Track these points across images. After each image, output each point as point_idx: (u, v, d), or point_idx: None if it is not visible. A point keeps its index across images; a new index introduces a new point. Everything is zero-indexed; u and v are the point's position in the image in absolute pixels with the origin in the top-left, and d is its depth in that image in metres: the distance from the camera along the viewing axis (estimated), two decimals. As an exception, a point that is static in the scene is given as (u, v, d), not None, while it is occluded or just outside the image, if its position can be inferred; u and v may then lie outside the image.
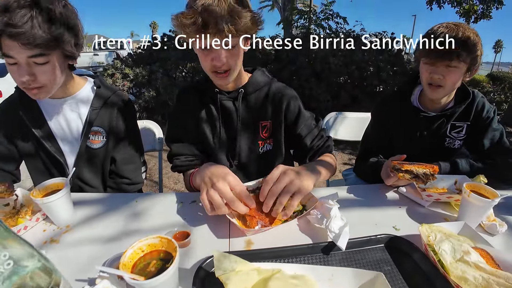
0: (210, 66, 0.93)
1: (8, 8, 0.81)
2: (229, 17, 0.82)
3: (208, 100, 1.10)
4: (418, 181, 0.94)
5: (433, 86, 1.14)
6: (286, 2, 9.50)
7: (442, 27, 1.11)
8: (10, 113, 1.06)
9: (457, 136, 1.25)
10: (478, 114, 1.21)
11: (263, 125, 1.12)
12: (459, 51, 1.05)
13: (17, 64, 0.88)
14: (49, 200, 0.78)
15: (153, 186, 3.07)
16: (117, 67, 5.37)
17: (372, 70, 5.26)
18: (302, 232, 0.79)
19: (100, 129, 1.12)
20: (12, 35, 0.81)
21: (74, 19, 0.94)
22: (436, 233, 0.71)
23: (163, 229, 0.80)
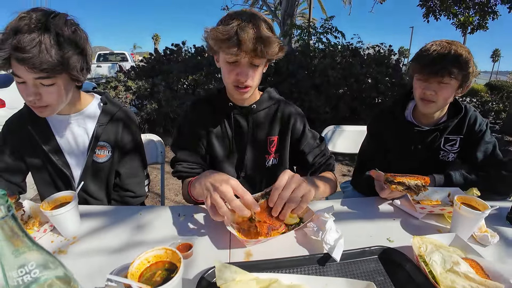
0: (233, 80, 0.99)
1: (19, 31, 0.84)
2: (261, 40, 0.90)
3: (220, 113, 1.15)
4: (410, 192, 0.97)
5: (426, 101, 1.18)
6: (286, 17, 9.72)
7: (435, 45, 1.15)
8: (19, 128, 1.10)
9: (451, 149, 1.28)
10: (471, 128, 1.25)
11: (271, 140, 1.18)
12: (451, 68, 1.09)
13: (24, 83, 0.91)
14: (58, 213, 0.81)
15: (154, 197, 3.10)
16: (120, 79, 5.47)
17: (370, 82, 5.35)
18: (299, 244, 0.82)
19: (106, 144, 1.16)
20: (20, 59, 0.84)
21: (83, 44, 0.97)
22: (427, 245, 0.74)
23: (166, 241, 0.83)
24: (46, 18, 0.88)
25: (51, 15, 0.90)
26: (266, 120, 1.17)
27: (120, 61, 13.37)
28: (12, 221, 0.38)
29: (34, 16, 0.86)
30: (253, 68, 0.99)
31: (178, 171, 1.14)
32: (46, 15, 0.89)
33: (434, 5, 6.93)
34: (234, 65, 0.97)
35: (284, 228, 0.84)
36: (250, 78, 0.99)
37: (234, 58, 0.94)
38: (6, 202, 0.37)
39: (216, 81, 5.36)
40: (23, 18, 0.86)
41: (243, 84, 0.99)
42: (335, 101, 5.14)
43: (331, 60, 5.27)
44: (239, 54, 0.92)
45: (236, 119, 1.14)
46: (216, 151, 1.17)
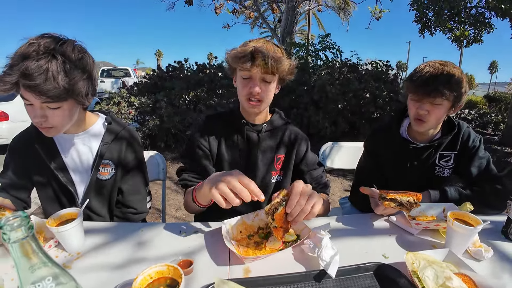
0: (247, 92, 1.10)
1: (27, 57, 0.86)
2: (273, 58, 1.04)
3: (233, 128, 1.23)
4: (402, 209, 0.99)
5: (419, 120, 1.21)
6: (285, 35, 9.97)
7: (428, 66, 1.19)
8: (26, 145, 1.14)
9: (446, 165, 1.31)
10: (465, 144, 1.28)
11: (278, 157, 1.26)
12: (443, 90, 1.12)
13: (32, 105, 0.94)
14: (64, 229, 0.84)
15: (155, 213, 3.10)
16: (123, 95, 5.58)
17: (368, 97, 5.44)
18: (296, 261, 0.84)
19: (109, 162, 1.19)
20: (26, 86, 0.87)
21: (89, 70, 1.00)
22: (420, 261, 0.77)
23: (167, 257, 0.85)
24: (54, 45, 0.90)
25: (59, 42, 0.93)
26: (275, 139, 1.26)
27: (123, 76, 13.59)
28: (32, 240, 0.41)
29: (43, 43, 0.89)
30: (265, 83, 1.10)
31: (184, 179, 1.18)
32: (54, 42, 0.92)
33: (429, 21, 7.09)
34: (248, 80, 1.09)
35: (282, 245, 0.86)
36: (262, 92, 1.10)
37: (248, 73, 1.07)
38: (27, 224, 0.40)
39: (217, 97, 5.46)
40: (32, 45, 0.88)
41: (255, 97, 1.10)
42: (334, 116, 5.21)
43: (329, 76, 5.39)
44: (252, 69, 1.05)
45: (248, 135, 1.22)
46: (224, 164, 1.23)
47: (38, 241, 0.42)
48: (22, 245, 0.41)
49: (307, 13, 13.25)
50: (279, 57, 1.06)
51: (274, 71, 1.07)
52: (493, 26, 6.64)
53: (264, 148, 1.24)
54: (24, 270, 0.42)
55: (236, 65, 1.09)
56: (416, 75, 1.20)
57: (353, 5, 12.74)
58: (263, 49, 1.04)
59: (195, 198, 1.00)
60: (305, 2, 11.25)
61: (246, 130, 1.22)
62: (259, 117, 1.23)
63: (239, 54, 1.05)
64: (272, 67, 1.04)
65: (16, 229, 0.40)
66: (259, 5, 11.85)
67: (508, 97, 7.08)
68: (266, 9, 15.01)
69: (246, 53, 1.03)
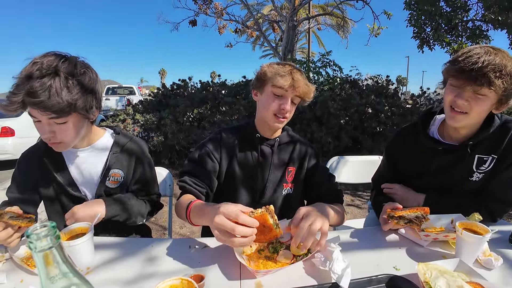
0: (276, 109, 1.16)
1: (31, 76, 0.91)
2: (307, 86, 1.16)
3: (248, 141, 1.28)
4: (413, 225, 0.99)
5: (455, 112, 1.03)
6: (286, 53, 10.21)
7: (479, 48, 0.99)
8: (35, 160, 1.17)
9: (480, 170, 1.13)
10: (510, 148, 1.07)
11: (289, 170, 1.29)
12: (493, 78, 0.92)
13: (40, 122, 0.99)
14: (75, 244, 0.84)
15: (160, 230, 3.09)
16: (129, 113, 5.67)
17: (370, 112, 5.48)
18: (308, 274, 0.84)
19: (119, 171, 1.23)
20: (32, 103, 0.91)
21: (92, 85, 1.03)
22: (432, 271, 0.77)
23: (178, 272, 0.85)
24: (57, 63, 0.95)
25: (62, 59, 0.97)
26: (287, 152, 1.31)
27: (128, 94, 13.85)
28: (58, 250, 0.43)
29: (45, 61, 0.93)
30: (293, 104, 1.19)
31: (184, 181, 1.18)
32: (57, 59, 0.96)
33: (427, 36, 7.25)
34: (279, 98, 1.16)
35: (293, 259, 0.86)
36: (289, 111, 1.18)
37: (282, 92, 1.14)
38: (54, 234, 0.42)
39: (220, 114, 5.53)
40: (35, 64, 0.93)
41: (284, 114, 1.16)
42: (337, 131, 5.25)
43: (331, 92, 5.47)
44: (289, 90, 1.13)
45: (262, 149, 1.26)
46: (236, 175, 1.25)
47: (63, 251, 0.44)
48: (46, 254, 0.42)
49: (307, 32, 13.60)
50: (310, 87, 1.17)
51: (304, 97, 1.18)
52: (490, 38, 6.76)
53: (276, 161, 1.28)
54: (48, 279, 0.43)
55: (274, 80, 1.14)
56: (463, 55, 0.99)
57: (352, 23, 13.08)
58: (301, 74, 1.17)
59: (189, 218, 1.01)
60: (305, 21, 11.58)
61: (260, 145, 1.25)
62: (275, 132, 1.28)
63: (281, 72, 1.13)
64: (304, 94, 1.16)
65: (42, 238, 0.41)
66: (260, 25, 12.20)
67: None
68: (267, 29, 15.43)
69: (287, 73, 1.12)
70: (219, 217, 0.80)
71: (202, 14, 10.89)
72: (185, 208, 1.03)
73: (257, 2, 13.37)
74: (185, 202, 1.06)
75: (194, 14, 11.01)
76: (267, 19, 13.18)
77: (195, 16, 11.05)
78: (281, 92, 1.14)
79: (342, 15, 11.37)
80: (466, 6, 6.33)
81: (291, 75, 1.12)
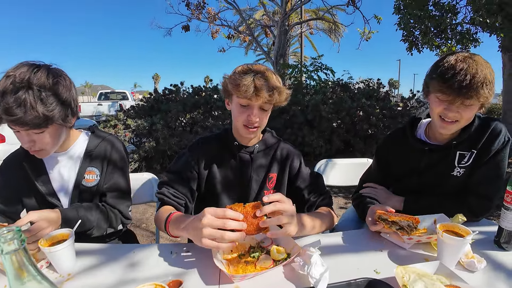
0: (244, 120, 1.12)
1: (5, 92, 0.92)
2: (276, 90, 1.07)
3: (226, 150, 1.25)
4: (403, 233, 0.99)
5: (446, 122, 1.11)
6: (278, 57, 10.28)
7: (460, 62, 1.03)
8: (15, 166, 1.18)
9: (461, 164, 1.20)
10: (488, 143, 1.14)
11: (270, 176, 1.26)
12: (481, 91, 1.00)
13: (19, 132, 1.00)
14: (55, 250, 0.85)
15: (150, 236, 3.05)
16: (120, 118, 5.63)
17: (362, 115, 5.53)
18: (287, 279, 0.84)
19: (94, 169, 1.22)
20: (9, 120, 0.94)
21: (66, 93, 1.03)
22: (410, 274, 0.77)
23: (158, 278, 0.84)
24: (29, 75, 0.94)
25: (34, 70, 0.96)
26: (267, 158, 1.27)
27: (121, 99, 13.78)
28: (24, 253, 0.45)
29: (18, 74, 0.93)
30: (262, 111, 1.13)
31: (162, 193, 1.15)
32: (29, 71, 0.95)
33: (416, 39, 7.35)
34: (246, 108, 1.11)
35: (272, 264, 0.86)
36: (259, 119, 1.12)
37: (248, 102, 1.08)
38: (20, 237, 0.45)
39: (213, 118, 5.52)
40: (9, 77, 0.93)
41: (253, 124, 1.12)
42: (328, 135, 5.27)
43: (322, 96, 5.51)
44: (252, 99, 1.06)
45: (240, 157, 1.23)
46: (217, 186, 1.23)
47: (29, 255, 0.46)
48: (14, 256, 0.45)
49: (300, 36, 13.72)
50: (279, 88, 1.09)
51: (273, 102, 1.12)
52: (479, 41, 6.86)
53: (256, 168, 1.25)
54: (15, 281, 0.45)
55: (236, 93, 1.08)
56: (448, 72, 1.03)
57: (343, 27, 13.23)
58: (265, 80, 1.06)
59: (168, 230, 1.00)
60: (297, 26, 11.69)
61: (238, 152, 1.23)
62: (252, 139, 1.26)
63: (241, 83, 1.04)
64: (274, 100, 1.09)
65: (9, 241, 0.44)
66: (252, 30, 12.27)
67: (500, 108, 7.19)
68: (259, 34, 15.55)
69: (248, 82, 1.04)
70: (207, 217, 0.81)
71: (195, 19, 10.92)
72: (163, 220, 1.02)
73: (249, 7, 13.47)
74: (163, 214, 1.05)
75: (187, 20, 11.04)
76: (259, 24, 13.27)
77: (187, 21, 11.08)
78: (246, 102, 1.09)
79: (333, 20, 11.50)
80: (454, 9, 6.43)
81: (254, 82, 1.04)
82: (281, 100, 1.13)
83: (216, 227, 0.80)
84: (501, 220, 0.97)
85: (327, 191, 1.29)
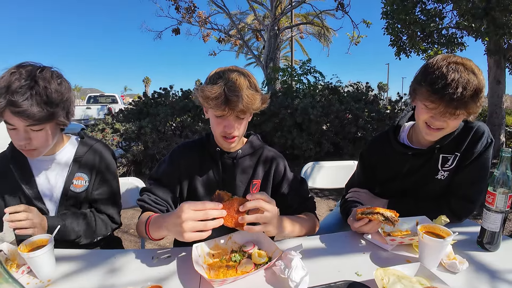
0: (221, 131, 1.08)
1: (11, 86, 0.93)
2: (247, 99, 1.00)
3: (208, 157, 1.22)
4: (388, 223, 0.98)
5: (432, 130, 1.09)
6: (268, 61, 10.34)
7: (452, 71, 0.99)
8: (1, 169, 1.15)
9: (445, 167, 1.20)
10: (471, 145, 1.14)
11: (254, 183, 1.23)
12: (471, 103, 1.00)
13: (15, 129, 1.00)
14: (34, 255, 0.84)
15: (137, 242, 3.00)
16: (108, 122, 5.54)
17: (350, 118, 5.60)
18: (268, 283, 0.83)
19: (82, 175, 1.21)
20: (14, 112, 0.94)
21: (68, 93, 1.07)
22: (390, 277, 0.77)
23: (138, 283, 0.83)
24: (35, 73, 0.98)
25: (38, 70, 1.00)
26: (251, 165, 1.24)
27: (110, 103, 13.59)
28: None
29: (24, 71, 0.97)
30: (239, 120, 1.09)
31: (143, 201, 1.14)
32: (34, 69, 0.99)
33: (404, 44, 7.50)
34: (222, 118, 1.07)
35: (253, 267, 0.85)
36: (237, 129, 1.08)
37: (222, 113, 1.04)
38: None
39: (202, 122, 5.50)
40: (13, 74, 0.95)
41: (230, 135, 1.08)
42: (317, 137, 5.31)
43: (311, 99, 5.55)
44: (226, 111, 1.02)
45: (223, 164, 1.20)
46: (199, 192, 1.21)
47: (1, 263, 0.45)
48: None
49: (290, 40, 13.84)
50: (253, 95, 1.03)
51: (249, 111, 1.07)
52: (465, 44, 7.03)
53: (239, 174, 1.22)
54: None
55: (208, 105, 1.05)
56: (438, 82, 1.00)
57: (333, 32, 13.42)
58: (236, 89, 0.99)
59: (148, 233, 0.99)
60: (287, 30, 11.79)
61: (221, 158, 1.20)
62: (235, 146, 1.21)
63: (210, 95, 0.99)
64: (247, 110, 1.04)
65: None
66: (243, 34, 12.32)
67: (486, 110, 7.38)
68: (250, 38, 15.62)
69: (218, 94, 0.98)
70: (186, 212, 0.82)
71: (185, 22, 10.89)
72: (144, 223, 1.01)
73: (240, 11, 13.52)
74: (144, 218, 1.04)
75: (177, 23, 11.01)
76: (249, 28, 13.34)
77: (178, 24, 11.04)
78: (220, 114, 1.04)
79: (322, 24, 11.64)
80: (441, 14, 6.58)
81: (224, 94, 0.98)
82: (257, 107, 1.07)
83: (196, 219, 0.81)
84: (483, 220, 0.98)
85: (310, 197, 1.29)
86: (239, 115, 1.06)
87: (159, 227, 0.94)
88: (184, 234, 0.81)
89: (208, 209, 0.83)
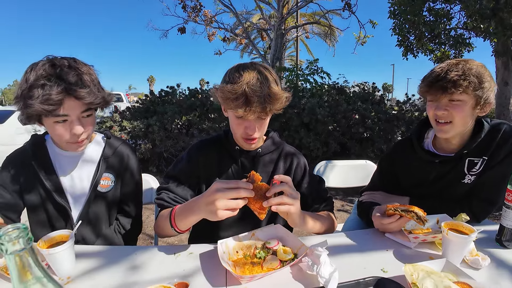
0: (242, 132, 1.05)
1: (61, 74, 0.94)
2: (269, 98, 0.94)
3: (227, 155, 1.18)
4: (419, 222, 0.96)
5: (441, 124, 1.10)
6: (275, 60, 10.32)
7: (441, 64, 1.09)
8: (21, 162, 1.13)
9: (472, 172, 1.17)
10: (499, 148, 1.11)
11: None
12: (458, 81, 1.01)
13: (65, 122, 1.00)
14: (54, 251, 0.82)
15: (146, 239, 3.01)
16: (116, 120, 5.57)
17: (357, 118, 5.57)
18: (295, 279, 0.83)
19: (109, 175, 1.21)
20: (79, 97, 0.96)
21: None
22: (419, 272, 0.77)
23: (162, 280, 0.82)
24: (72, 63, 0.99)
25: (72, 60, 1.01)
26: (271, 163, 1.21)
27: (116, 101, 13.66)
28: (30, 253, 0.41)
29: (62, 62, 0.97)
30: (260, 121, 1.04)
31: (162, 199, 1.11)
32: (70, 60, 1.01)
33: (411, 44, 7.45)
34: (242, 119, 1.02)
35: (279, 264, 0.85)
36: (258, 130, 1.04)
37: (243, 114, 0.98)
38: (26, 236, 0.40)
39: (209, 121, 5.50)
40: (54, 65, 0.95)
41: (251, 136, 1.05)
42: (324, 137, 5.29)
43: (318, 99, 5.53)
44: (248, 112, 0.95)
45: (242, 163, 1.18)
46: None
47: (36, 255, 0.42)
48: (19, 257, 0.40)
49: (295, 40, 13.81)
50: (276, 95, 0.95)
51: (272, 111, 1.01)
52: (472, 45, 6.97)
53: (260, 171, 1.18)
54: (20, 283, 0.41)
55: (227, 106, 1.00)
56: (430, 74, 1.10)
57: (339, 32, 13.37)
58: (257, 89, 0.92)
59: (174, 224, 0.96)
60: (293, 30, 11.77)
61: (240, 157, 1.17)
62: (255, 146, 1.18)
63: (230, 95, 0.93)
64: (269, 110, 0.97)
65: (13, 240, 0.40)
66: (248, 33, 12.32)
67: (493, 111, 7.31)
68: (256, 37, 15.60)
69: (239, 95, 0.92)
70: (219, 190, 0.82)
71: (191, 21, 10.92)
72: (167, 216, 0.99)
73: (246, 10, 13.51)
74: (166, 212, 1.03)
75: (183, 22, 11.04)
76: (255, 27, 13.33)
77: (184, 23, 11.08)
78: (241, 115, 0.99)
79: (328, 24, 11.61)
80: (449, 14, 6.54)
81: (246, 94, 0.92)
82: (280, 107, 1.01)
83: (229, 198, 0.82)
84: (502, 218, 0.97)
85: (329, 196, 1.27)
86: (261, 115, 1.00)
87: (189, 211, 0.92)
88: (218, 211, 0.81)
89: (242, 188, 0.83)
